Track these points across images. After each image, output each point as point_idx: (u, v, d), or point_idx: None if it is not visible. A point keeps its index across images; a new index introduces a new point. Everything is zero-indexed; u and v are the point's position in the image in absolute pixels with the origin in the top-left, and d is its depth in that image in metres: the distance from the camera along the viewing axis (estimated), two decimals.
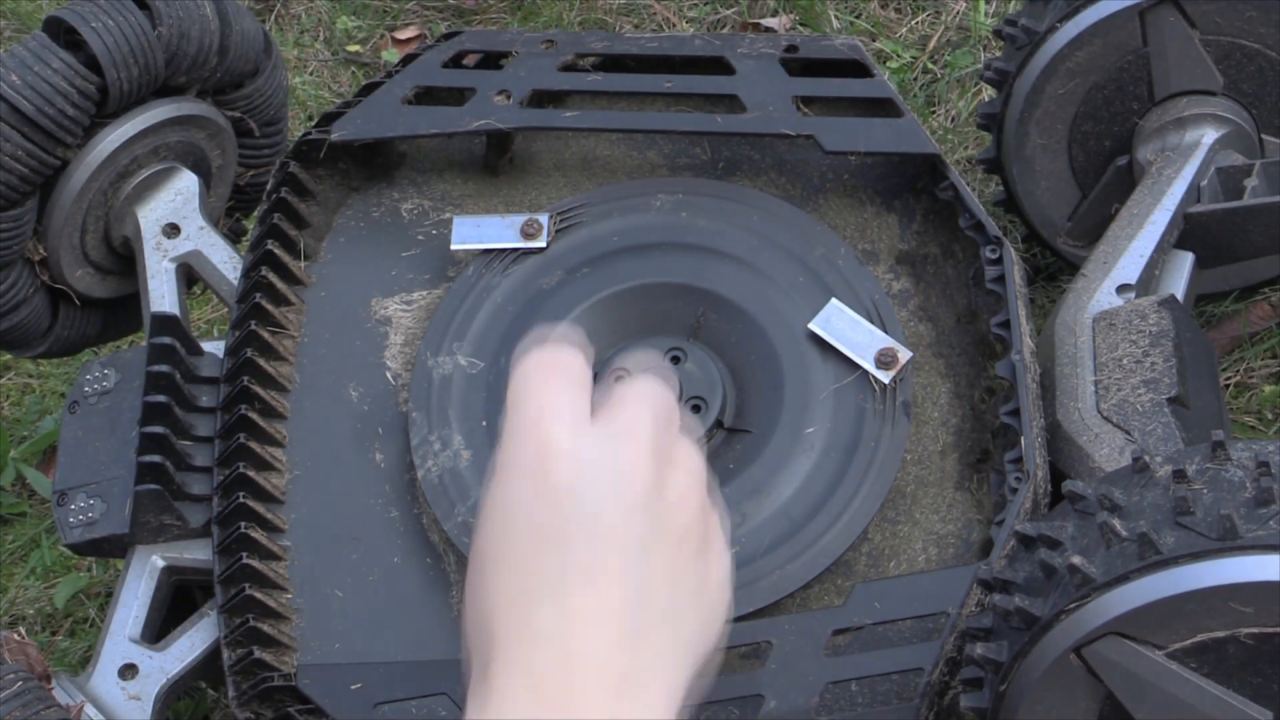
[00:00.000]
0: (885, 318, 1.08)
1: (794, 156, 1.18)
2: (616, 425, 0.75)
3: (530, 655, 0.70)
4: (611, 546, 0.72)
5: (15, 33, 1.95)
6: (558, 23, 1.84)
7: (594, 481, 0.73)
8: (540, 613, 0.70)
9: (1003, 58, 1.33)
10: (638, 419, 0.75)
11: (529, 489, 0.72)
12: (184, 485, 1.08)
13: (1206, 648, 0.81)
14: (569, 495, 0.72)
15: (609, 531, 0.72)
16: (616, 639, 0.71)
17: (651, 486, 0.74)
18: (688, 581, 0.75)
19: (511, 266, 1.13)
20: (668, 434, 0.76)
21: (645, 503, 0.73)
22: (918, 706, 0.93)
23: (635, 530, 0.73)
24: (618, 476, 0.73)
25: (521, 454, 0.73)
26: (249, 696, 1.00)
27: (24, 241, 1.20)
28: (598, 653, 0.70)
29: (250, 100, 1.30)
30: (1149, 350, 1.06)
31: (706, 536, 0.76)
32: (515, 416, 0.75)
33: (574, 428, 0.74)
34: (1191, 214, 1.20)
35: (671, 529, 0.74)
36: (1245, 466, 0.81)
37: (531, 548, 0.72)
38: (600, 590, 0.71)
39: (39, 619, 1.43)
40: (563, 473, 0.73)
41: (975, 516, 1.03)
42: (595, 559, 0.72)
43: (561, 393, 0.75)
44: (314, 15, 1.92)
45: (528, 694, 0.69)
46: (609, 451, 0.74)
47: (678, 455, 0.77)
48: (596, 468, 0.73)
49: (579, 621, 0.70)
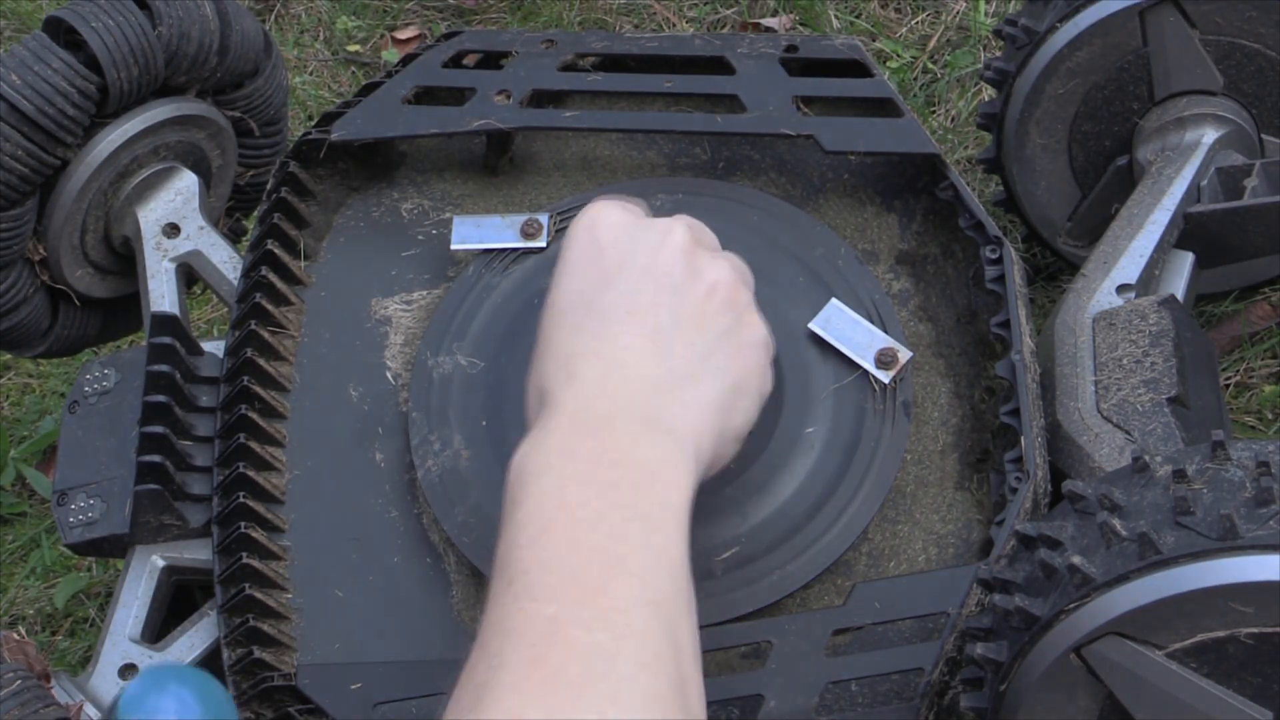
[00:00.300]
0: (885, 318, 1.08)
1: (794, 156, 1.18)
2: (660, 219, 0.91)
3: (573, 398, 0.81)
4: (645, 284, 0.85)
5: (15, 33, 1.95)
6: (558, 23, 1.84)
7: (634, 238, 0.88)
8: (583, 367, 0.82)
9: (1003, 58, 1.33)
10: (678, 218, 0.91)
11: (580, 249, 0.88)
12: (184, 485, 1.08)
13: (1206, 648, 0.81)
14: (613, 245, 0.87)
15: (644, 273, 0.86)
16: (648, 363, 0.83)
17: (686, 244, 0.88)
18: (714, 327, 0.87)
19: (512, 266, 1.13)
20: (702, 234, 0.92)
21: (680, 253, 0.88)
22: (918, 706, 0.93)
23: (668, 275, 0.86)
24: (657, 233, 0.88)
25: (577, 229, 0.89)
26: (249, 696, 1.00)
27: (24, 241, 1.20)
28: (630, 383, 0.82)
29: (250, 100, 1.30)
30: (1149, 350, 1.06)
31: (735, 301, 0.89)
32: (579, 215, 0.91)
33: (623, 213, 0.90)
34: (1191, 214, 1.20)
35: (702, 281, 0.87)
36: (1245, 466, 0.81)
37: (580, 302, 0.86)
38: (635, 321, 0.84)
39: (39, 619, 1.43)
40: (609, 233, 0.88)
41: (975, 516, 1.03)
42: (631, 295, 0.85)
43: (620, 200, 0.92)
44: (314, 15, 1.92)
45: (569, 422, 0.80)
46: (651, 221, 0.90)
47: (711, 244, 0.92)
48: (637, 229, 0.88)
49: (615, 361, 0.83)
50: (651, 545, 0.75)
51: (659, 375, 0.83)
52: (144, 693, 0.81)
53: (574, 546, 0.74)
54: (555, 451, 0.79)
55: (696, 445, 0.82)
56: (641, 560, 0.74)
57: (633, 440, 0.80)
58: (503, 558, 0.76)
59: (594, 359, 0.83)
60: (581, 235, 0.89)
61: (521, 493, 0.77)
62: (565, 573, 0.73)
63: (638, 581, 0.73)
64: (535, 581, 0.72)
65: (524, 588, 0.72)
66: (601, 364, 0.82)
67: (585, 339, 0.84)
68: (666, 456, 0.80)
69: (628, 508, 0.76)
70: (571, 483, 0.77)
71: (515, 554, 0.74)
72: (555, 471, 0.77)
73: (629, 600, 0.72)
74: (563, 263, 0.89)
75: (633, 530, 0.75)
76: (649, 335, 0.84)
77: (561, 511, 0.75)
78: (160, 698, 0.81)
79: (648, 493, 0.77)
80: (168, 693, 0.81)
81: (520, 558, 0.74)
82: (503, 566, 0.75)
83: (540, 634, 0.70)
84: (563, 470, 0.77)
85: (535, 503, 0.76)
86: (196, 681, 0.83)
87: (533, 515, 0.76)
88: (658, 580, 0.74)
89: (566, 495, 0.76)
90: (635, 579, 0.73)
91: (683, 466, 0.80)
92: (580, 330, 0.84)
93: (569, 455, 0.78)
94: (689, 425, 0.82)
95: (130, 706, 0.80)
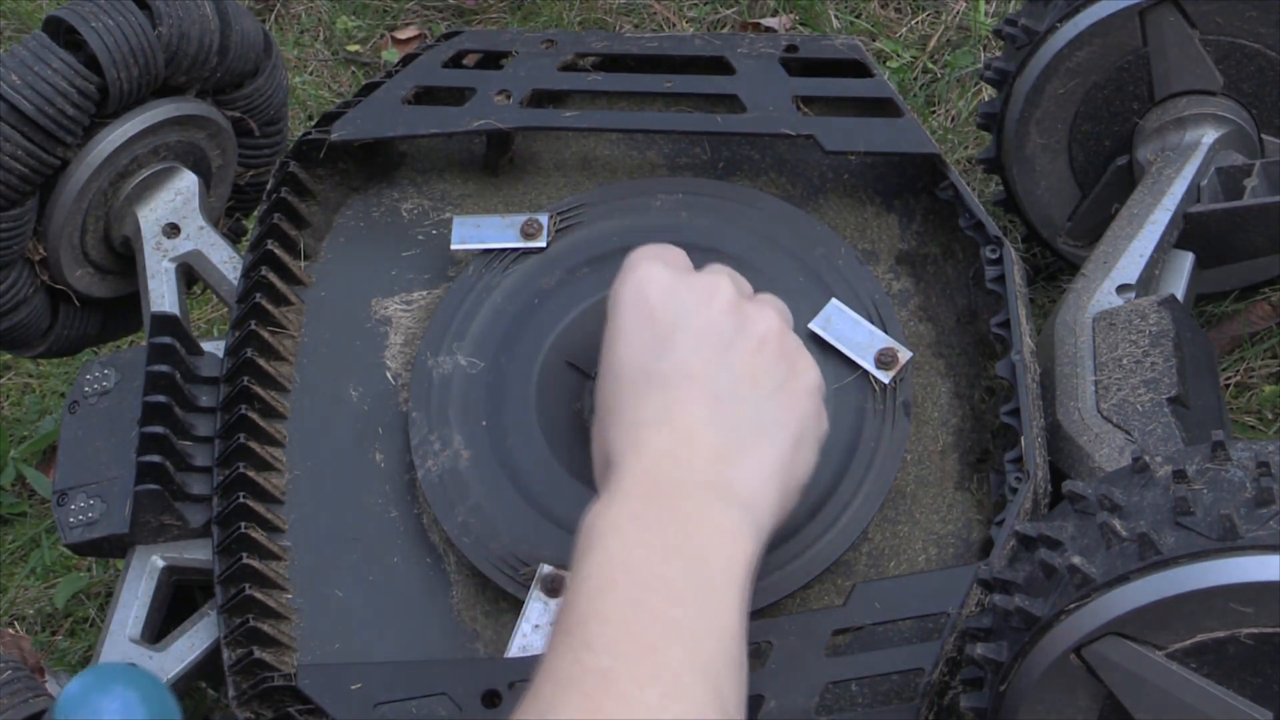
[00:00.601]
0: (885, 318, 1.08)
1: (794, 156, 1.18)
2: (703, 274, 0.94)
3: (643, 468, 0.85)
4: (700, 347, 0.89)
5: (15, 33, 1.95)
6: (558, 23, 1.84)
7: (682, 300, 0.90)
8: (650, 437, 0.86)
9: (1003, 58, 1.33)
10: (719, 271, 0.94)
11: (632, 314, 0.91)
12: (184, 485, 1.08)
13: (1206, 648, 0.81)
14: (664, 309, 0.90)
15: (697, 335, 0.89)
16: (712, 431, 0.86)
17: (732, 300, 0.91)
18: (769, 380, 0.90)
19: (512, 266, 1.13)
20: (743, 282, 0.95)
21: (728, 309, 0.91)
22: (918, 706, 0.93)
23: (719, 334, 0.89)
24: (704, 291, 0.91)
25: (626, 291, 0.92)
26: (249, 696, 1.00)
27: (24, 241, 1.20)
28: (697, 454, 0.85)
29: (250, 100, 1.30)
30: (1149, 350, 1.06)
31: (785, 349, 0.92)
32: (622, 273, 0.93)
33: (669, 269, 0.93)
34: (1191, 214, 1.20)
35: (752, 332, 0.90)
36: (1245, 466, 0.81)
37: (639, 369, 0.89)
38: (695, 387, 0.87)
39: (39, 619, 1.43)
40: (659, 297, 0.91)
41: (975, 516, 1.03)
42: (688, 360, 0.88)
43: (664, 252, 0.95)
44: (314, 15, 1.92)
45: (639, 489, 0.84)
46: (696, 279, 0.92)
47: (757, 296, 0.95)
48: (684, 289, 0.91)
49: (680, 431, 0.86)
50: (708, 613, 0.79)
51: (723, 443, 0.86)
52: (85, 692, 0.79)
53: (634, 606, 0.78)
54: (625, 515, 0.82)
55: (762, 508, 0.86)
56: (697, 626, 0.78)
57: (700, 511, 0.83)
58: (565, 610, 0.80)
59: (660, 429, 0.86)
60: (632, 299, 0.91)
61: (589, 550, 0.81)
62: (623, 629, 0.76)
63: (692, 646, 0.77)
64: (594, 634, 0.76)
65: (582, 640, 0.76)
66: (668, 434, 0.86)
67: (649, 409, 0.87)
68: (731, 526, 0.83)
69: (690, 575, 0.80)
70: (638, 545, 0.81)
71: (577, 607, 0.78)
72: (623, 533, 0.81)
73: (681, 663, 0.76)
74: (616, 328, 0.91)
75: (693, 597, 0.79)
76: (709, 401, 0.87)
77: (625, 572, 0.79)
78: (102, 698, 0.79)
79: (711, 563, 0.81)
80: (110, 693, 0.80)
81: (582, 611, 0.78)
82: (564, 618, 0.79)
83: (594, 685, 0.74)
84: (630, 533, 0.81)
85: (601, 560, 0.80)
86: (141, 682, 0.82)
87: (597, 571, 0.80)
88: (711, 647, 0.78)
89: (632, 556, 0.80)
90: (690, 643, 0.77)
91: (747, 534, 0.84)
92: (643, 399, 0.87)
93: (637, 520, 0.82)
94: (753, 489, 0.86)
95: (70, 706, 0.79)
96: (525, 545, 1.02)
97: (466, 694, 0.96)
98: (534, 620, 0.99)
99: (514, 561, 1.02)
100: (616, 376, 0.90)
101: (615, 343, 0.91)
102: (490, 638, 1.03)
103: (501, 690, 0.96)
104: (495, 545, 1.03)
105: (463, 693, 0.97)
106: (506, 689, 0.96)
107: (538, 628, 0.99)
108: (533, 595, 1.00)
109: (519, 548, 1.02)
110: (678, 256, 0.95)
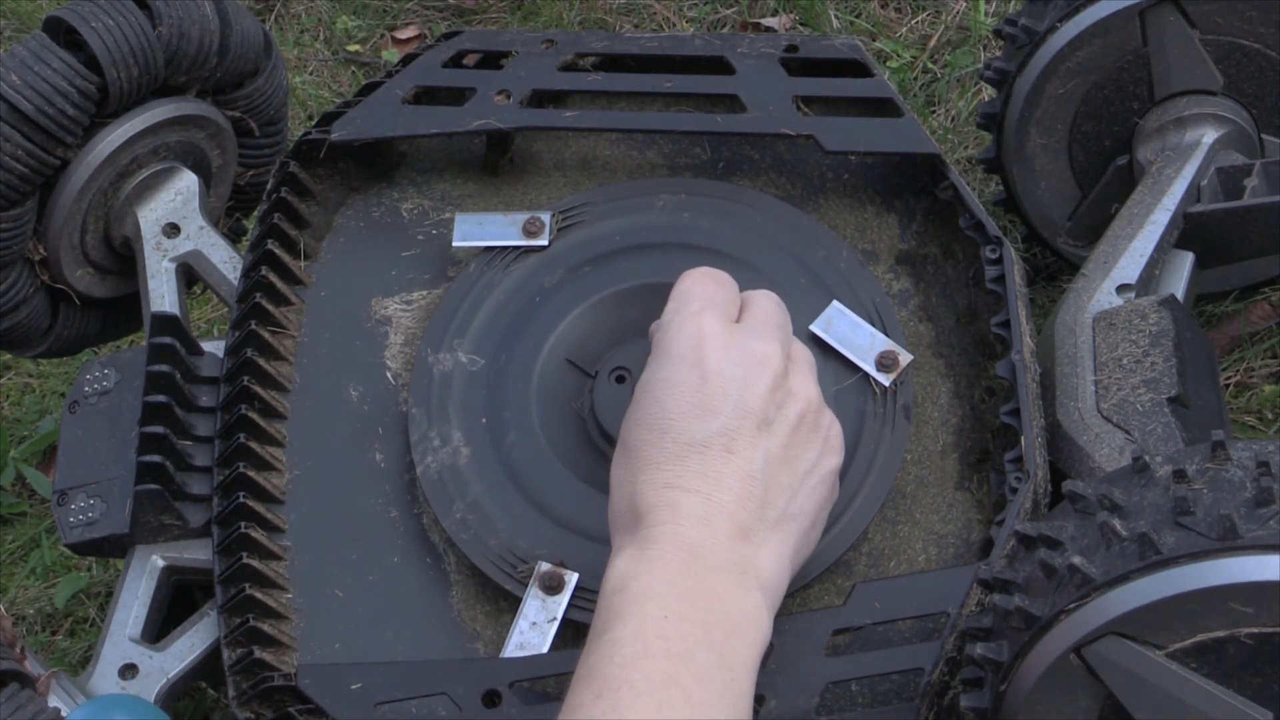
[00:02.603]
0: (886, 320, 1.08)
1: (794, 156, 1.18)
2: (755, 320, 0.95)
3: (676, 532, 0.87)
4: (745, 424, 0.90)
5: (15, 32, 1.95)
6: (558, 23, 1.84)
7: (735, 367, 0.91)
8: (686, 501, 0.88)
9: (1003, 57, 1.33)
10: (770, 316, 0.96)
11: (686, 368, 0.91)
12: (184, 485, 1.08)
13: (1206, 648, 0.81)
14: (717, 375, 0.90)
15: (743, 411, 0.90)
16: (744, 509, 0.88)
17: (780, 373, 0.92)
18: (802, 463, 0.92)
19: (513, 264, 1.13)
20: (788, 332, 0.96)
21: (774, 385, 0.91)
22: (918, 706, 0.93)
23: (764, 411, 0.90)
24: (756, 363, 0.91)
25: (681, 339, 0.92)
26: (249, 696, 1.00)
27: (24, 241, 1.20)
28: (727, 528, 0.88)
29: (250, 100, 1.30)
30: (1149, 350, 1.06)
31: (819, 425, 0.94)
32: (679, 309, 0.94)
33: (725, 321, 0.94)
34: (1191, 214, 1.20)
35: (791, 410, 0.92)
36: (1245, 466, 0.81)
37: (682, 429, 0.89)
38: (734, 463, 0.89)
39: (39, 619, 1.43)
40: (714, 357, 0.91)
41: (975, 516, 1.03)
42: (731, 435, 0.89)
43: (718, 292, 0.96)
44: (314, 15, 1.92)
45: (673, 555, 0.86)
46: (750, 342, 0.92)
47: (796, 352, 0.96)
48: (741, 352, 0.92)
49: (715, 503, 0.88)
50: (729, 698, 0.83)
51: (751, 523, 0.89)
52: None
53: (666, 680, 0.81)
54: (660, 580, 0.85)
55: (777, 590, 0.90)
56: (719, 707, 0.82)
57: (728, 590, 0.86)
58: (594, 668, 0.82)
59: (696, 496, 0.88)
60: (687, 353, 0.92)
61: (625, 610, 0.84)
62: (653, 702, 0.80)
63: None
64: (623, 703, 0.80)
65: (611, 704, 0.80)
66: (703, 503, 0.88)
67: (687, 473, 0.89)
68: (754, 610, 0.87)
69: (717, 655, 0.84)
70: (674, 615, 0.84)
71: (609, 669, 0.81)
72: (660, 599, 0.84)
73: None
74: (666, 377, 0.92)
75: (717, 679, 0.83)
76: (745, 479, 0.89)
77: (660, 641, 0.82)
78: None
79: (737, 646, 0.85)
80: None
81: (613, 675, 0.81)
82: (592, 676, 0.82)
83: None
84: (667, 600, 0.84)
85: (637, 625, 0.83)
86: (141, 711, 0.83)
87: (633, 636, 0.83)
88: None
89: (668, 627, 0.83)
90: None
91: (766, 618, 0.88)
92: (682, 461, 0.89)
93: (672, 586, 0.85)
94: (773, 572, 0.89)
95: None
96: (523, 542, 1.02)
97: (466, 694, 0.96)
98: (531, 618, 0.99)
99: (512, 558, 1.02)
100: (657, 428, 0.90)
101: (660, 390, 0.91)
102: (490, 638, 1.03)
103: (501, 690, 0.96)
104: (493, 542, 1.03)
105: (463, 693, 0.97)
106: (506, 689, 0.96)
107: (535, 625, 0.99)
108: (530, 593, 1.00)
109: (517, 544, 1.02)
110: (730, 293, 0.97)
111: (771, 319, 0.95)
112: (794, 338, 0.97)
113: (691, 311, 0.94)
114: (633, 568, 0.86)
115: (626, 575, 0.86)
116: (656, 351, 0.94)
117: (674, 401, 0.91)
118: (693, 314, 0.94)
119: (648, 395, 0.92)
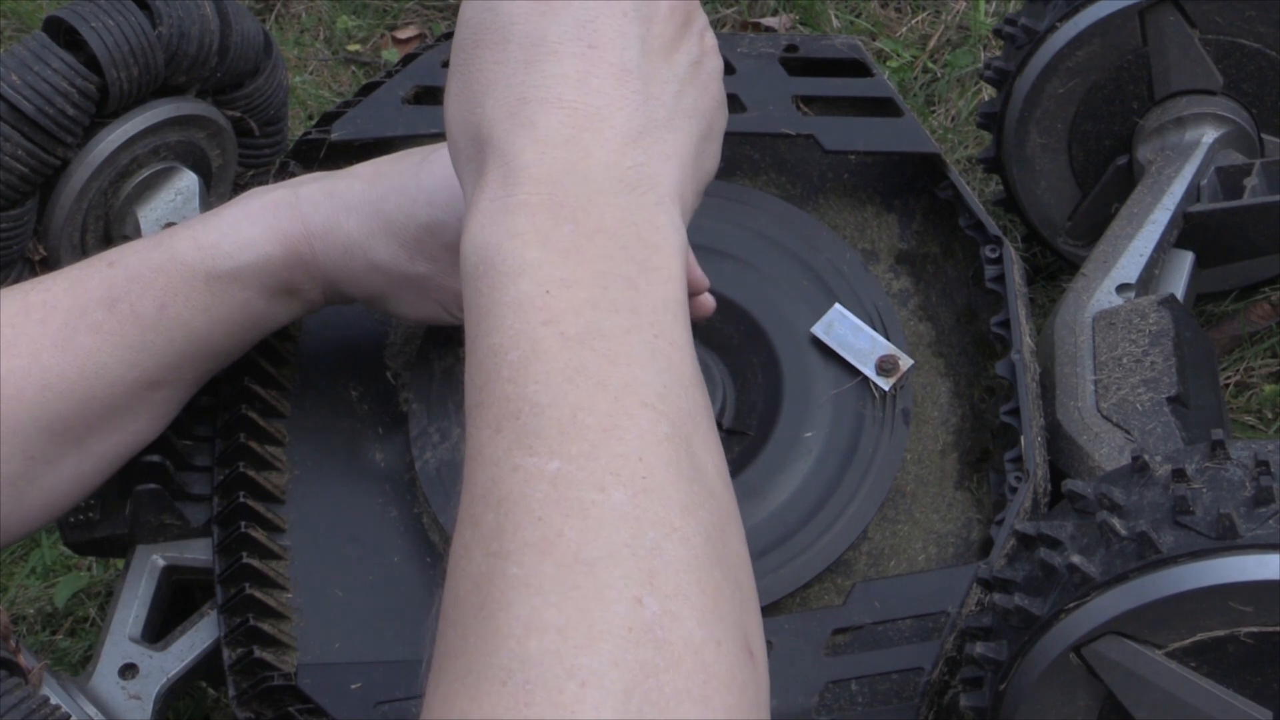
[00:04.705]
0: (887, 322, 1.08)
1: (794, 156, 1.18)
2: None
3: (538, 159, 0.67)
4: (604, 9, 0.70)
5: (15, 32, 1.95)
6: None
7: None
8: (544, 116, 0.68)
9: (1003, 57, 1.33)
10: None
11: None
12: (184, 485, 1.08)
13: (1206, 647, 0.81)
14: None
15: None
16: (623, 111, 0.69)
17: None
18: (683, 58, 0.73)
19: None
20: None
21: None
22: (918, 706, 0.93)
23: None
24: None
25: None
26: (249, 696, 1.00)
27: (24, 241, 1.20)
28: (607, 140, 0.68)
29: (250, 100, 1.30)
30: (1149, 349, 1.06)
31: (694, 18, 0.75)
32: None
33: None
34: (1191, 213, 1.20)
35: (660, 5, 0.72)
36: (1245, 466, 0.81)
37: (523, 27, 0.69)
38: (599, 58, 0.69)
39: (39, 619, 1.43)
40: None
41: (975, 516, 1.03)
42: (590, 25, 0.70)
43: None
44: (314, 15, 1.92)
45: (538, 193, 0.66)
46: None
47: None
48: None
49: (585, 110, 0.68)
50: (659, 358, 0.63)
51: (637, 126, 0.69)
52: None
53: (571, 376, 0.61)
54: (529, 238, 0.64)
55: (682, 201, 0.71)
56: (651, 382, 0.62)
57: (619, 217, 0.66)
58: (481, 390, 0.62)
59: (557, 107, 0.68)
60: None
61: (494, 297, 0.64)
62: (565, 413, 0.60)
63: (650, 413, 0.61)
64: (529, 429, 0.60)
65: (516, 437, 0.60)
66: (568, 114, 0.68)
67: (540, 79, 0.69)
68: (660, 229, 0.68)
69: (627, 312, 0.63)
70: (557, 285, 0.63)
71: (498, 389, 0.61)
72: (534, 270, 0.63)
73: (644, 440, 0.60)
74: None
75: (636, 343, 0.63)
76: (618, 75, 0.70)
77: (549, 326, 0.62)
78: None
79: (646, 287, 0.65)
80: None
81: (505, 395, 0.61)
82: (483, 403, 0.62)
83: (544, 502, 0.58)
84: (543, 268, 0.64)
85: (515, 316, 0.63)
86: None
87: (515, 334, 0.62)
88: (671, 404, 0.62)
89: (553, 304, 0.63)
90: (647, 409, 0.61)
91: (675, 240, 0.68)
92: (531, 66, 0.69)
93: (547, 244, 0.64)
94: (673, 180, 0.70)
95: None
96: None
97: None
98: None
99: None
100: (498, 38, 0.70)
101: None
102: None
103: None
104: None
105: None
106: None
107: None
108: None
109: None
110: None
111: None
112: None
113: None
114: (491, 233, 0.65)
115: (487, 246, 0.65)
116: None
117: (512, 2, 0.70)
118: None
119: (477, 5, 0.72)
